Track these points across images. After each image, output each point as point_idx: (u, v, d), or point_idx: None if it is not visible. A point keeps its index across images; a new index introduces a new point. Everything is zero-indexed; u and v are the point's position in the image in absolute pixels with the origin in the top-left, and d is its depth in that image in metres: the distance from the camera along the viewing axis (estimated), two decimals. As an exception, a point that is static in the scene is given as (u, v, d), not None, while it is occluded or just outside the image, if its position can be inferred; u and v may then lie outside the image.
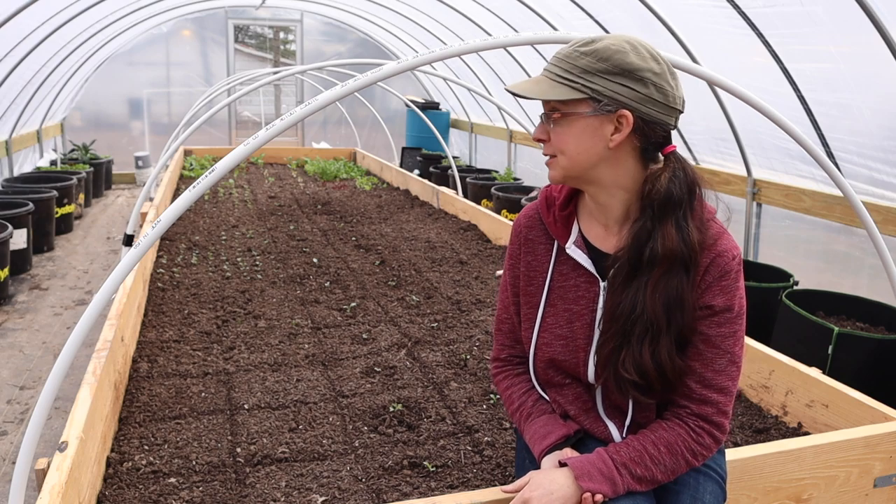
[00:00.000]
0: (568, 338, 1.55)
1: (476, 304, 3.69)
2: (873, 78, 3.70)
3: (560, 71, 1.41)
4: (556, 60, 1.43)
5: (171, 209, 1.62)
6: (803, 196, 4.35)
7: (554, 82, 1.41)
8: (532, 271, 1.62)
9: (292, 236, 5.21)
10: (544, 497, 1.38)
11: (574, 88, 1.38)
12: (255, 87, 4.31)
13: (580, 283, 1.54)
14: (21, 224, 5.60)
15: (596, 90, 1.37)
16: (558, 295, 1.57)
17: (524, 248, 1.64)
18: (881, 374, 3.00)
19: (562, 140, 1.43)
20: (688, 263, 1.40)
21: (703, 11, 4.47)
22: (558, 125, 1.43)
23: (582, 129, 1.41)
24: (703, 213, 1.46)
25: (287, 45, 12.04)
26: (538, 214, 1.63)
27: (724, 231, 1.47)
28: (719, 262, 1.43)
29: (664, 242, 1.39)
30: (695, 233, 1.41)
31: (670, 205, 1.40)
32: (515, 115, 5.53)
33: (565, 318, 1.55)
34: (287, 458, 2.18)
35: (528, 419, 1.62)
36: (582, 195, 1.58)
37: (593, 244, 1.54)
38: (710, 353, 1.44)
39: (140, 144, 10.94)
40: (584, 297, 1.54)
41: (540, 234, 1.62)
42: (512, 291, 1.67)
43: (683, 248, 1.39)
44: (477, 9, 7.45)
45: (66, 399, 3.42)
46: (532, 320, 1.61)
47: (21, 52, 6.56)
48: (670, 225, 1.40)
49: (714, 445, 1.46)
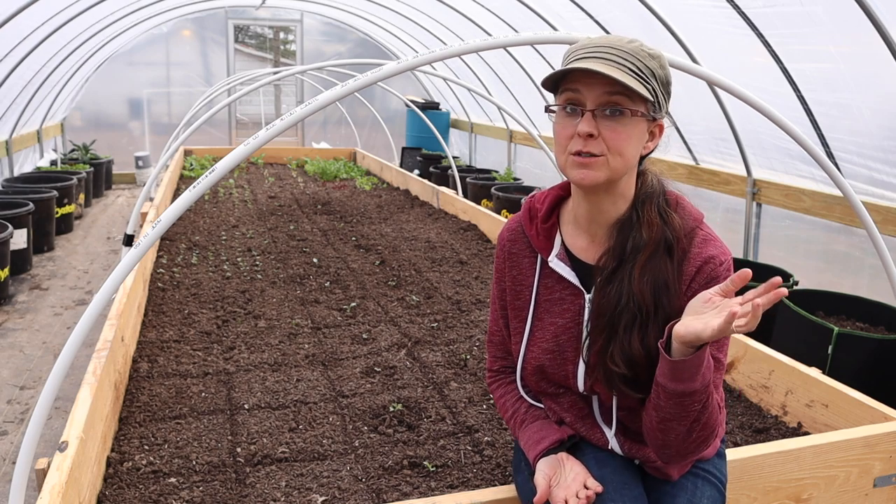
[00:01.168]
0: (555, 351, 1.53)
1: (476, 304, 3.69)
2: (873, 78, 3.70)
3: (631, 65, 1.32)
4: (622, 54, 1.33)
5: (171, 209, 1.62)
6: (803, 196, 4.35)
7: (628, 74, 1.31)
8: (518, 285, 1.60)
9: (292, 236, 5.21)
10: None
11: (647, 87, 1.33)
12: (255, 87, 4.31)
13: (565, 296, 1.53)
14: (21, 224, 5.60)
15: (657, 95, 1.37)
16: (544, 309, 1.56)
17: (508, 262, 1.62)
18: (881, 374, 3.00)
19: (622, 138, 1.34)
20: (671, 247, 1.41)
21: (702, 11, 4.47)
22: (620, 123, 1.34)
23: (640, 130, 1.38)
24: (682, 204, 1.49)
25: (287, 45, 12.05)
26: (521, 227, 1.61)
27: (713, 237, 1.46)
28: (706, 269, 1.42)
29: (648, 227, 1.41)
30: (675, 218, 1.44)
31: (653, 194, 1.46)
32: (515, 116, 5.53)
33: (551, 331, 1.54)
34: (287, 458, 2.18)
35: (522, 425, 1.62)
36: (565, 205, 1.56)
37: (577, 256, 1.53)
38: None
39: (140, 144, 10.95)
40: (569, 311, 1.52)
41: (523, 248, 1.60)
42: (500, 305, 1.66)
43: (666, 231, 1.41)
44: (477, 9, 7.45)
45: (67, 399, 3.42)
46: (521, 334, 1.59)
47: (21, 52, 6.56)
48: (653, 211, 1.43)
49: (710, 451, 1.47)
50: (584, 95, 1.34)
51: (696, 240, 1.44)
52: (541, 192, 1.61)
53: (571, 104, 1.36)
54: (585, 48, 1.35)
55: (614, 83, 1.31)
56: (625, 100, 1.33)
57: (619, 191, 1.44)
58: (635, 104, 1.34)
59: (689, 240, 1.44)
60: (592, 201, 1.46)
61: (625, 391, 1.43)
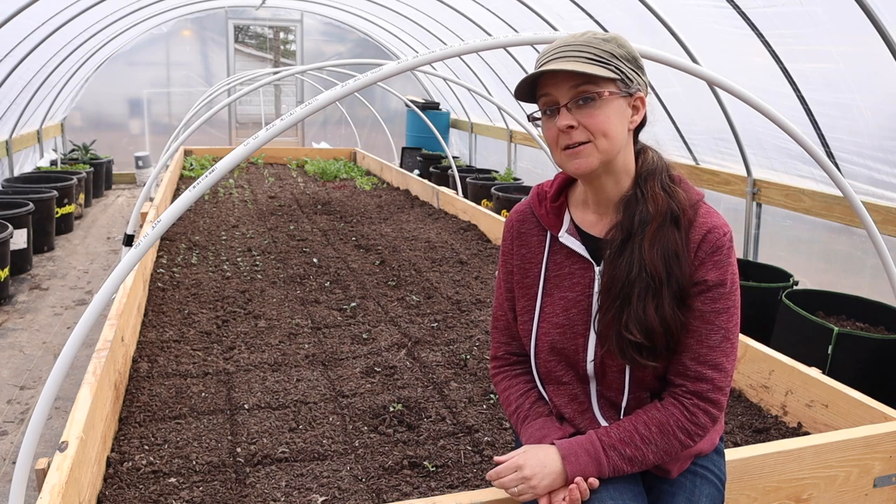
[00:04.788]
0: (565, 325, 1.56)
1: (476, 304, 3.69)
2: (873, 78, 3.70)
3: (588, 54, 1.41)
4: (576, 47, 1.42)
5: (171, 209, 1.62)
6: (803, 196, 4.35)
7: (586, 63, 1.40)
8: (527, 263, 1.63)
9: (292, 236, 5.21)
10: (537, 466, 1.45)
11: (608, 69, 1.41)
12: (255, 87, 4.31)
13: (575, 270, 1.56)
14: (21, 224, 5.60)
15: (623, 72, 1.43)
16: (554, 284, 1.59)
17: (517, 241, 1.66)
18: (881, 374, 3.00)
19: (600, 121, 1.41)
20: (678, 218, 1.46)
21: (702, 11, 4.47)
22: (594, 107, 1.41)
23: (617, 109, 1.43)
24: (684, 181, 1.54)
25: (287, 45, 12.05)
26: (530, 209, 1.66)
27: (714, 211, 1.52)
28: (710, 237, 1.46)
29: (654, 201, 1.46)
30: (679, 191, 1.49)
31: (656, 171, 1.51)
32: (515, 115, 5.53)
33: (562, 306, 1.57)
34: (287, 458, 2.18)
35: (525, 421, 1.63)
36: (573, 187, 1.62)
37: (586, 231, 1.57)
38: (705, 329, 1.46)
39: (140, 144, 10.94)
40: (579, 284, 1.55)
41: (532, 227, 1.64)
42: (506, 287, 1.69)
43: (672, 203, 1.46)
44: (477, 9, 7.45)
45: (67, 399, 3.42)
46: (531, 312, 1.61)
47: (21, 52, 6.56)
48: (657, 187, 1.49)
49: (710, 424, 1.47)
50: (556, 95, 1.44)
51: (700, 210, 1.50)
52: (548, 180, 1.68)
53: (549, 107, 1.47)
54: (545, 55, 1.46)
55: (578, 75, 1.41)
56: (590, 87, 1.41)
57: (618, 169, 1.49)
58: (602, 87, 1.41)
59: (694, 210, 1.49)
60: (595, 185, 1.52)
61: (638, 360, 1.45)
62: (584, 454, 1.44)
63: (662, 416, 1.46)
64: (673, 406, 1.47)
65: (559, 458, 1.45)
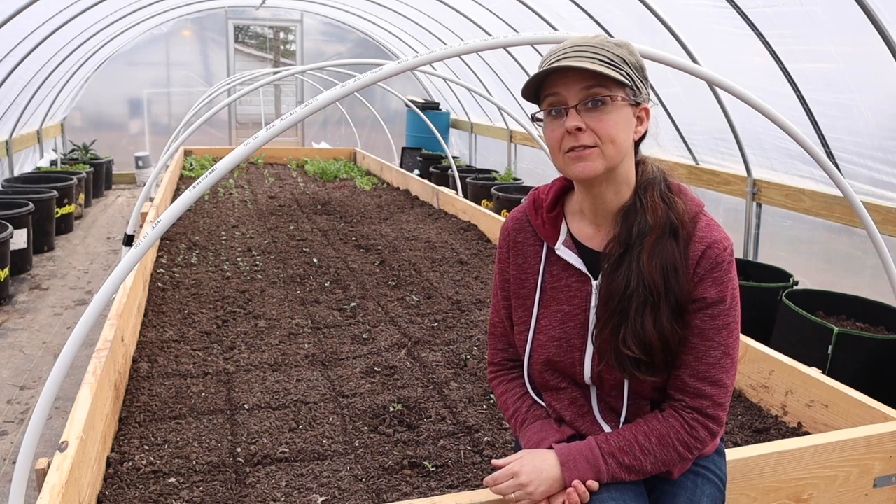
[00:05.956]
0: (562, 339, 1.54)
1: (476, 304, 3.69)
2: (873, 78, 3.70)
3: (602, 57, 1.38)
4: (590, 48, 1.39)
5: (171, 209, 1.62)
6: (803, 196, 4.35)
7: (600, 64, 1.37)
8: (523, 273, 1.61)
9: (292, 236, 5.21)
10: (533, 473, 1.43)
11: (621, 74, 1.38)
12: (255, 87, 4.31)
13: (571, 283, 1.54)
14: (21, 224, 5.60)
15: (633, 80, 1.42)
16: (550, 296, 1.57)
17: (513, 251, 1.63)
18: (881, 374, 3.00)
19: (609, 126, 1.38)
20: (677, 230, 1.44)
21: (703, 12, 4.47)
22: (604, 112, 1.38)
23: (626, 116, 1.42)
24: (684, 191, 1.52)
25: (287, 45, 12.04)
26: (526, 217, 1.63)
27: (715, 223, 1.49)
28: (710, 253, 1.44)
29: (653, 212, 1.44)
30: (678, 202, 1.47)
31: (655, 181, 1.49)
32: (515, 115, 5.53)
33: (558, 318, 1.55)
34: (287, 458, 2.18)
35: (523, 425, 1.62)
36: (570, 196, 1.58)
37: (583, 243, 1.54)
38: (704, 346, 1.44)
39: (140, 144, 10.94)
40: (576, 297, 1.53)
41: (528, 237, 1.61)
42: (503, 295, 1.67)
43: (670, 215, 1.44)
44: (477, 9, 7.45)
45: (67, 399, 3.42)
46: (526, 323, 1.60)
47: (21, 52, 6.56)
48: (656, 196, 1.46)
49: (709, 438, 1.46)
50: (565, 95, 1.40)
51: (700, 224, 1.47)
52: (545, 185, 1.64)
53: (555, 107, 1.42)
54: (554, 54, 1.41)
55: (590, 77, 1.37)
56: (602, 89, 1.38)
57: (619, 179, 1.46)
58: (613, 91, 1.38)
59: (693, 224, 1.46)
60: (595, 193, 1.48)
61: (637, 375, 1.44)
62: (582, 461, 1.43)
63: (663, 429, 1.45)
64: (674, 419, 1.46)
65: (557, 464, 1.44)
